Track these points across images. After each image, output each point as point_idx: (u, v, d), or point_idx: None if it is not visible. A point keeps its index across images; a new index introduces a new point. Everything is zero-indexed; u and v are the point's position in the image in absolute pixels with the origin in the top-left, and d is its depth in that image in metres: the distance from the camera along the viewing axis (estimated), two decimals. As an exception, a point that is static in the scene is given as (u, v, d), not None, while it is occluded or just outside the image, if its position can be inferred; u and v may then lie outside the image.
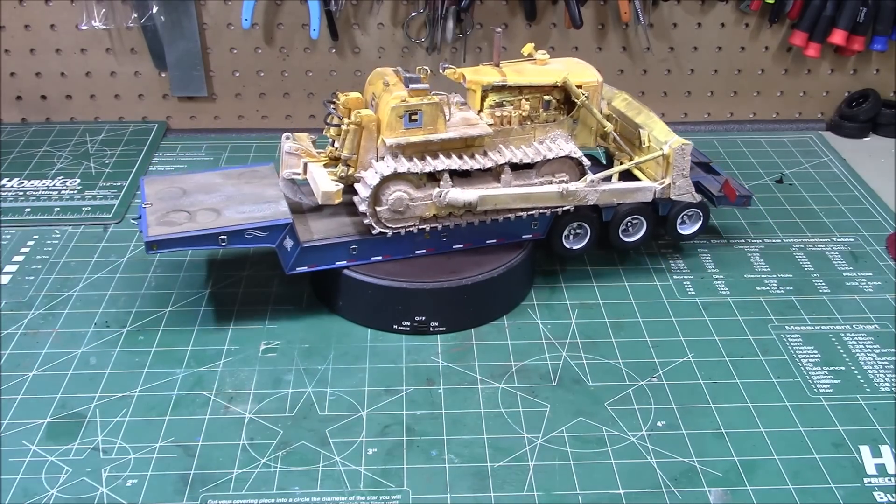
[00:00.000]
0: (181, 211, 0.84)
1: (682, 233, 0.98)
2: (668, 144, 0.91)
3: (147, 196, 0.87)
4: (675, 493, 0.70)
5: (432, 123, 0.84)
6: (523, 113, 0.89)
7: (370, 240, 0.87)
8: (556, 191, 0.89)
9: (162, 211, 0.84)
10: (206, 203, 0.86)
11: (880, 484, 0.71)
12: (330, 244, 0.86)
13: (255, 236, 0.83)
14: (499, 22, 1.25)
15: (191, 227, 0.82)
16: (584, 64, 0.94)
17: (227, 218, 0.84)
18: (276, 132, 1.30)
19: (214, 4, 1.23)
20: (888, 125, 1.30)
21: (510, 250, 0.90)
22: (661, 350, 0.85)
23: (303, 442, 0.74)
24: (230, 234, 0.82)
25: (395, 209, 0.85)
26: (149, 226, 0.82)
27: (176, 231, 0.81)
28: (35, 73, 1.27)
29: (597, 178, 0.90)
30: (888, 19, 1.24)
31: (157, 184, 0.89)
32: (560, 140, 0.91)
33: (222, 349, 0.85)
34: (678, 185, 0.93)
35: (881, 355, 0.85)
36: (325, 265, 0.87)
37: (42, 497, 0.69)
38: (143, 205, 0.85)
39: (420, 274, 0.87)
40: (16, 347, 0.85)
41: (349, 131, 0.84)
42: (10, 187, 1.12)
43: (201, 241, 0.82)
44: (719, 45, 1.30)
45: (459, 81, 0.90)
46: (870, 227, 1.07)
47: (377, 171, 0.84)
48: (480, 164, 0.86)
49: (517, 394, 0.80)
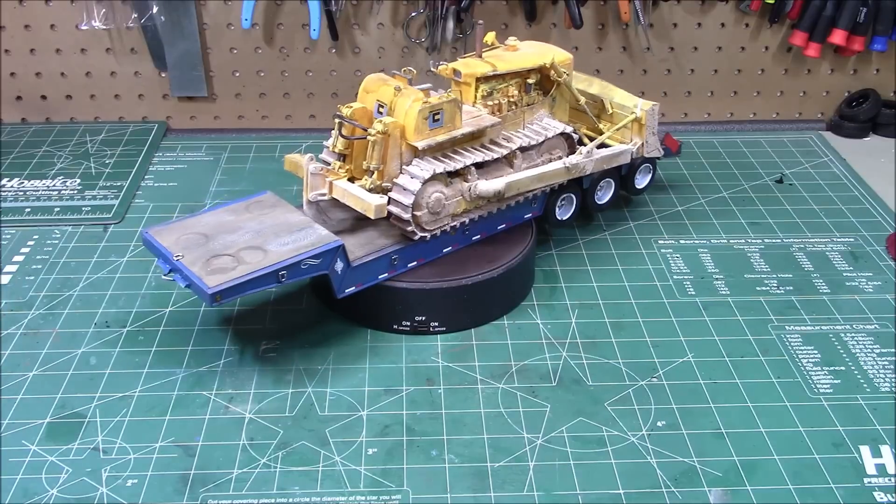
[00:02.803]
0: (221, 255, 0.78)
1: (638, 187, 1.07)
2: (639, 107, 1.00)
3: (169, 248, 0.80)
4: (675, 493, 0.70)
5: (451, 121, 0.85)
6: (511, 98, 0.93)
7: (408, 247, 0.86)
8: (563, 166, 0.94)
9: (201, 260, 0.78)
10: (239, 243, 0.80)
11: (880, 484, 0.71)
12: (374, 259, 0.84)
13: (310, 265, 0.79)
14: (499, 22, 1.25)
15: (248, 270, 0.76)
16: (550, 45, 0.99)
17: (276, 252, 0.79)
18: (276, 132, 1.31)
19: (214, 4, 1.23)
20: (888, 125, 1.30)
21: (510, 250, 0.90)
22: (661, 350, 0.85)
23: (303, 442, 0.74)
24: (288, 269, 0.77)
25: (433, 210, 0.85)
26: (201, 278, 0.75)
27: (235, 277, 0.75)
28: (35, 73, 1.27)
29: (590, 148, 0.96)
30: (888, 19, 1.24)
31: (170, 233, 0.82)
32: (546, 119, 0.96)
33: (222, 349, 0.85)
34: (650, 142, 1.02)
35: (881, 355, 0.85)
36: (370, 281, 0.84)
37: (42, 497, 0.69)
38: (175, 257, 0.78)
39: (420, 274, 0.87)
40: (16, 347, 0.85)
41: (376, 141, 0.82)
42: (10, 187, 1.12)
43: (262, 282, 0.77)
44: (719, 45, 1.30)
45: (450, 76, 0.91)
46: (870, 227, 1.07)
47: (415, 176, 0.83)
48: (500, 152, 0.89)
49: (517, 394, 0.80)
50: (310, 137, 1.28)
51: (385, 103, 0.85)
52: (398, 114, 0.84)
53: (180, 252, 0.79)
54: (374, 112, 0.86)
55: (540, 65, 0.93)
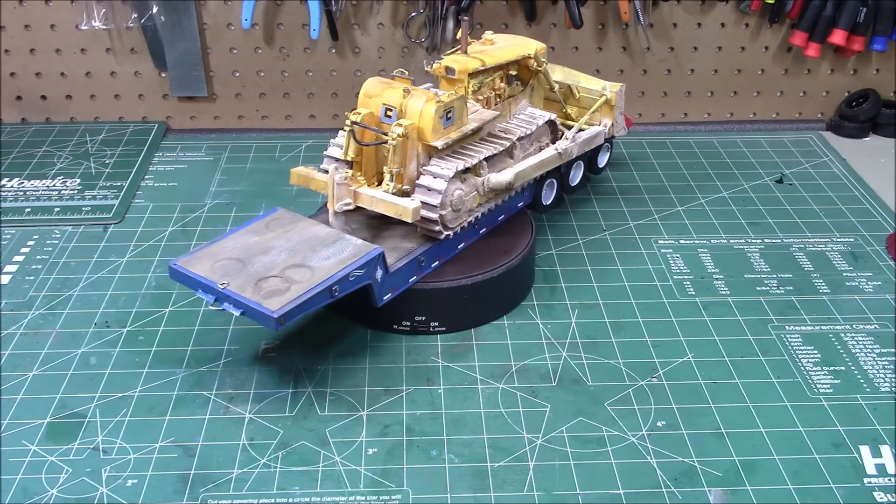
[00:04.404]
0: (268, 277, 0.76)
1: (600, 166, 1.12)
2: (608, 89, 1.05)
3: (208, 276, 0.76)
4: (675, 493, 0.70)
5: (460, 118, 0.86)
6: (498, 91, 0.95)
7: (433, 247, 0.86)
8: (556, 153, 0.97)
9: (249, 284, 0.75)
10: (279, 262, 0.78)
11: (880, 484, 0.71)
12: (406, 263, 0.83)
13: (356, 276, 0.77)
14: (499, 22, 1.25)
15: (304, 288, 0.74)
16: (521, 37, 1.01)
17: (322, 268, 0.77)
18: (276, 132, 1.31)
19: (214, 4, 1.23)
20: (888, 125, 1.30)
21: (510, 250, 0.90)
22: (661, 350, 0.85)
23: (303, 442, 0.74)
24: (339, 283, 0.76)
25: (455, 208, 0.86)
26: (259, 303, 0.73)
27: (294, 297, 0.73)
28: (35, 73, 1.27)
29: (574, 133, 1.00)
30: (888, 19, 1.24)
31: (200, 262, 0.78)
32: (530, 109, 1.00)
33: (222, 349, 0.85)
34: (618, 122, 1.08)
35: (881, 355, 0.85)
36: (403, 286, 0.84)
37: (42, 497, 0.69)
38: (221, 286, 0.75)
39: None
40: (16, 347, 0.85)
41: (397, 145, 0.82)
42: (10, 187, 1.12)
43: (318, 299, 0.75)
44: (719, 45, 1.30)
45: (443, 74, 0.91)
46: (870, 227, 1.07)
47: (439, 175, 0.83)
48: (504, 144, 0.91)
49: (517, 394, 0.80)
50: (310, 137, 1.28)
51: (393, 106, 0.84)
52: (411, 115, 0.83)
53: (223, 279, 0.75)
54: (380, 116, 0.86)
55: (524, 56, 0.96)
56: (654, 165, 1.21)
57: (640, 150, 1.25)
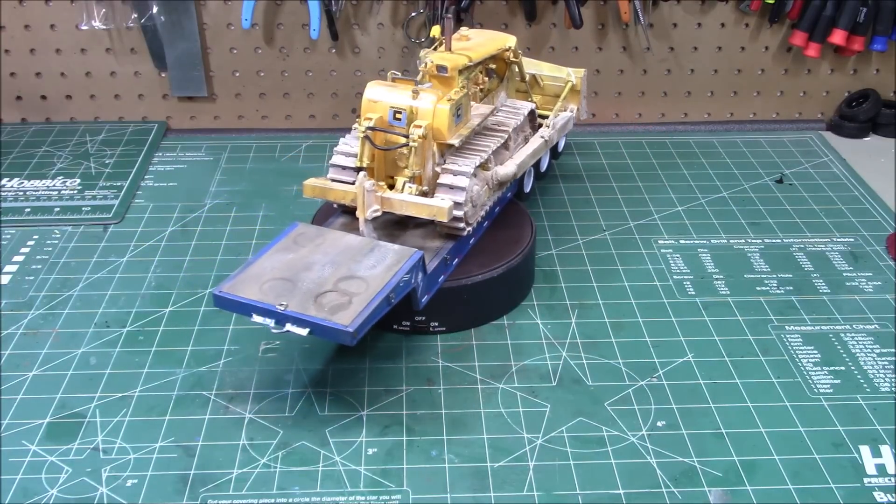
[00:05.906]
0: (324, 293, 0.74)
1: (559, 150, 1.17)
2: (572, 75, 1.09)
3: (263, 300, 0.73)
4: (675, 493, 0.70)
5: (465, 114, 0.87)
6: (481, 86, 0.96)
7: (454, 245, 0.86)
8: (543, 141, 1.01)
9: (309, 302, 0.73)
10: (328, 277, 0.76)
11: (880, 484, 0.71)
12: (438, 264, 0.83)
13: (405, 281, 0.77)
14: (499, 22, 1.25)
15: (367, 299, 0.73)
16: (493, 31, 1.03)
17: (374, 277, 0.76)
18: (275, 132, 1.31)
19: (214, 4, 1.23)
20: (888, 125, 1.30)
21: (510, 250, 0.90)
22: (661, 350, 0.85)
23: (303, 442, 0.74)
24: (394, 290, 0.75)
25: (475, 203, 0.87)
26: (329, 319, 0.71)
27: (362, 309, 0.72)
28: (35, 73, 1.27)
29: (553, 120, 1.04)
30: (888, 19, 1.24)
31: (245, 286, 0.75)
32: (509, 100, 1.02)
33: (222, 349, 0.85)
34: (583, 106, 1.12)
35: (881, 355, 0.85)
36: (435, 287, 0.83)
37: (42, 497, 0.69)
38: (279, 307, 0.72)
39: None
40: (16, 347, 0.85)
41: (418, 147, 0.82)
42: (10, 187, 1.12)
43: (381, 309, 0.74)
44: (719, 45, 1.30)
45: (433, 72, 0.90)
46: (870, 227, 1.07)
47: (460, 173, 0.84)
48: (503, 136, 0.93)
49: (517, 394, 0.80)
50: (310, 137, 1.28)
51: (402, 108, 0.84)
52: (422, 116, 0.83)
53: (281, 300, 0.73)
54: (389, 119, 0.85)
55: (503, 49, 0.98)
56: (654, 165, 1.21)
57: (640, 150, 1.26)
